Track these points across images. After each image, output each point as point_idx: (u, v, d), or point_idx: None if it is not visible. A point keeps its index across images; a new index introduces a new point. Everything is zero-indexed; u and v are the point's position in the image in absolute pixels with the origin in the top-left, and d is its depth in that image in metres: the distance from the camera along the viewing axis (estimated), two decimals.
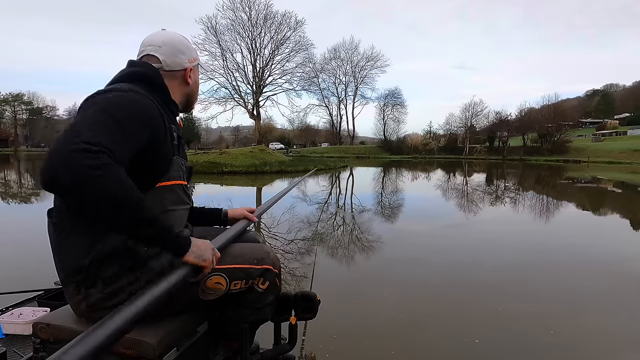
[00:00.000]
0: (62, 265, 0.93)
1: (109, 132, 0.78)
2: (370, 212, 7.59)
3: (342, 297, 3.06)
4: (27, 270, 3.42)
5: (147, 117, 0.91)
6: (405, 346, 2.30)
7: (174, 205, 1.06)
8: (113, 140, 0.78)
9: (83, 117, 0.80)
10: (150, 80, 1.03)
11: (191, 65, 1.16)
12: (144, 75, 1.03)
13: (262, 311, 1.16)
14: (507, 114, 50.73)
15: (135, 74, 1.02)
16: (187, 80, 1.15)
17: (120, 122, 0.82)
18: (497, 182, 16.15)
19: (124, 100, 0.89)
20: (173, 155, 1.03)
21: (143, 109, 0.91)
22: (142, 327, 0.95)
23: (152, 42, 1.10)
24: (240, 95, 39.87)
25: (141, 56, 1.10)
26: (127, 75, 1.01)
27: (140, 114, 0.89)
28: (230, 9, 37.46)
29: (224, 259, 1.05)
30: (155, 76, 1.05)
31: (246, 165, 18.68)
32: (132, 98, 0.90)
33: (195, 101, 1.24)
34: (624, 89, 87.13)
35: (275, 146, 53.25)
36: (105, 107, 0.83)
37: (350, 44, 58.85)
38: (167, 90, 1.08)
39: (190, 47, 1.17)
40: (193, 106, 1.25)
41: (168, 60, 1.10)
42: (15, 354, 1.55)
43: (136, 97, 0.91)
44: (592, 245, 5.15)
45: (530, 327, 2.55)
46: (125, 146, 0.82)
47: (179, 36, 1.15)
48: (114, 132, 0.80)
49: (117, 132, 0.80)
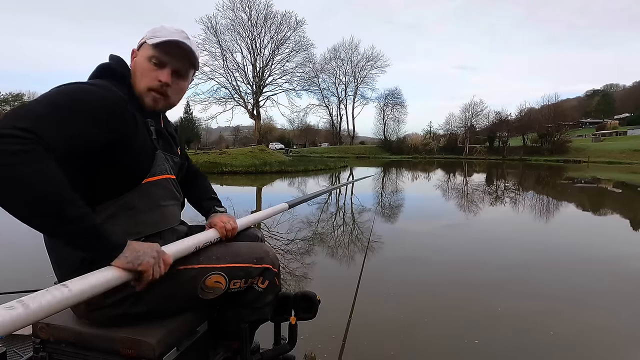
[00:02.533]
0: (58, 265, 0.93)
1: (45, 119, 0.70)
2: (370, 212, 7.59)
3: (342, 297, 3.06)
4: (27, 270, 3.42)
5: (103, 108, 0.82)
6: (405, 346, 2.30)
7: (166, 200, 1.05)
8: (48, 126, 0.69)
9: (22, 105, 0.72)
10: (115, 73, 0.98)
11: (136, 47, 1.04)
12: (109, 69, 0.98)
13: (262, 311, 1.16)
14: (507, 114, 50.84)
15: (102, 68, 0.98)
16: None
17: (64, 109, 0.74)
18: (497, 182, 16.14)
19: (77, 90, 0.81)
20: (155, 150, 1.01)
21: (98, 99, 0.82)
22: (142, 327, 0.95)
23: None
24: (240, 95, 39.90)
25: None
26: (95, 71, 0.97)
27: (93, 104, 0.80)
28: (230, 9, 37.53)
29: (223, 258, 1.05)
30: (120, 68, 1.00)
31: (246, 165, 18.68)
32: (87, 89, 0.83)
33: (141, 88, 0.99)
34: (624, 89, 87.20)
35: (275, 146, 53.24)
36: (50, 95, 0.76)
37: (350, 44, 59.10)
38: (130, 82, 1.00)
39: (152, 30, 1.01)
40: (144, 98, 1.00)
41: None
42: (15, 354, 1.55)
43: (92, 89, 0.84)
44: (592, 244, 5.15)
45: (531, 326, 2.55)
46: (63, 134, 0.72)
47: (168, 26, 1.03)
48: (52, 118, 0.71)
49: (55, 120, 0.72)
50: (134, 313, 0.96)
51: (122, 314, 0.95)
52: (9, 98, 69.87)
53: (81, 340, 0.95)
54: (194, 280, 1.00)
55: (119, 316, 0.95)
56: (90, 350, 0.94)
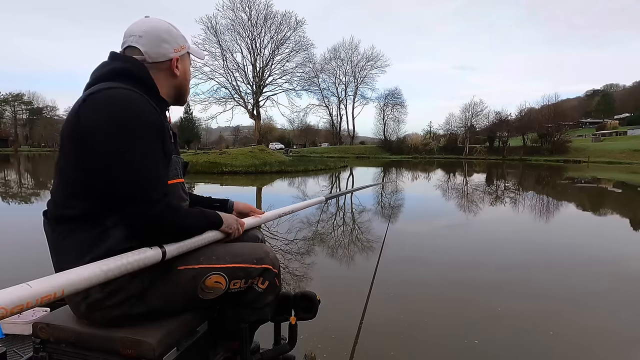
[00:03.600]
0: (60, 266, 0.93)
1: (155, 167, 0.92)
2: (370, 212, 7.59)
3: (343, 297, 3.06)
4: (27, 270, 3.42)
5: (157, 124, 0.93)
6: (405, 346, 2.30)
7: (177, 202, 1.06)
8: (159, 174, 0.93)
9: (129, 161, 0.86)
10: (135, 77, 0.97)
11: (177, 54, 1.06)
12: (128, 72, 0.96)
13: (262, 311, 1.16)
14: (507, 114, 50.81)
15: (119, 71, 0.96)
16: (174, 71, 1.06)
17: (150, 145, 0.91)
18: (497, 182, 16.14)
19: (141, 115, 0.89)
20: (172, 154, 1.02)
21: (154, 118, 0.93)
22: (142, 327, 0.95)
23: (133, 32, 1.01)
24: (240, 95, 39.92)
25: (124, 48, 1.02)
26: (111, 73, 0.95)
27: (154, 124, 0.92)
28: (230, 9, 37.56)
29: (223, 258, 1.05)
30: (141, 72, 0.98)
31: (246, 165, 18.67)
32: (145, 109, 0.91)
33: (187, 93, 1.15)
34: (624, 89, 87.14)
35: (275, 146, 53.23)
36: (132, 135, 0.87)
37: (350, 44, 59.03)
38: (155, 87, 1.01)
39: (176, 34, 1.06)
40: (185, 99, 1.15)
41: (150, 51, 1.01)
42: (15, 354, 1.55)
43: (145, 107, 0.91)
44: (592, 245, 5.15)
45: (531, 326, 2.55)
46: (162, 166, 0.96)
47: (162, 23, 1.05)
48: (157, 162, 0.93)
49: (158, 162, 0.93)
50: (134, 314, 0.96)
51: (122, 315, 0.95)
52: (9, 98, 69.89)
53: (81, 340, 0.95)
54: (193, 280, 1.00)
55: (119, 317, 0.95)
56: (90, 350, 0.94)
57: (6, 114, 71.03)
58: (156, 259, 0.88)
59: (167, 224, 0.91)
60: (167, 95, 1.07)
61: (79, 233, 0.90)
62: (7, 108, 70.58)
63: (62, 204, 0.92)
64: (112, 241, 0.90)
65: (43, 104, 73.36)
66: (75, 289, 0.70)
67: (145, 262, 0.85)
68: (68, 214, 0.91)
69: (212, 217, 1.05)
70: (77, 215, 0.90)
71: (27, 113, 72.71)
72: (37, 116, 72.66)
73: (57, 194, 0.93)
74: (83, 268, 0.73)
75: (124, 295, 0.93)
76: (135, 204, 0.86)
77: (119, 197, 0.87)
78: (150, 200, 0.88)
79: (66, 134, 0.90)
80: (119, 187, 0.86)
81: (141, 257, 0.85)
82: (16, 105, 70.71)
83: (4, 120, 71.20)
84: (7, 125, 71.55)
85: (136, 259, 0.83)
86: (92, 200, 0.89)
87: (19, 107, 71.58)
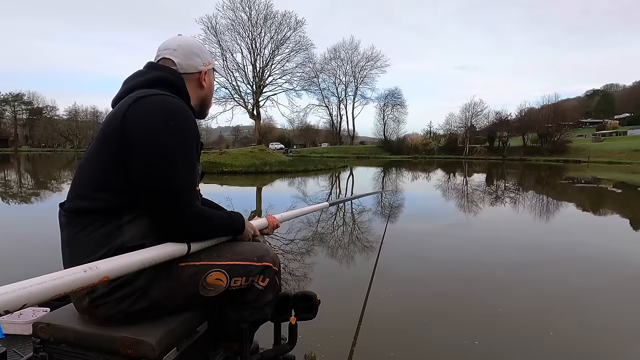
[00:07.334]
0: (72, 258, 0.93)
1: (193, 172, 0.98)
2: (370, 212, 7.59)
3: (342, 297, 3.06)
4: (27, 271, 3.42)
5: (196, 132, 1.01)
6: (405, 346, 2.30)
7: None
8: (195, 178, 0.99)
9: (173, 163, 0.92)
10: (176, 86, 1.05)
11: (206, 68, 1.16)
12: (170, 81, 1.05)
13: (262, 310, 1.16)
14: (507, 114, 50.81)
15: (162, 80, 1.04)
16: (201, 83, 1.16)
17: (191, 151, 0.97)
18: (497, 182, 16.14)
19: (187, 121, 0.97)
20: (197, 162, 1.06)
21: (195, 126, 1.00)
22: (142, 327, 0.95)
23: (168, 46, 1.12)
24: (240, 95, 39.95)
25: (157, 60, 1.12)
26: (154, 80, 1.03)
27: (195, 131, 0.99)
28: (230, 9, 37.61)
29: (224, 256, 1.06)
30: (180, 82, 1.07)
31: (246, 165, 18.68)
32: (189, 116, 0.98)
33: (209, 106, 1.25)
34: (624, 89, 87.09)
35: (275, 146, 53.24)
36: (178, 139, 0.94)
37: (350, 44, 59.13)
38: (189, 96, 1.09)
39: (205, 51, 1.18)
40: (206, 112, 1.24)
41: (183, 62, 1.11)
42: (15, 354, 1.55)
43: (190, 115, 0.99)
44: (592, 244, 5.14)
45: (531, 325, 2.55)
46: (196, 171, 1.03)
47: (194, 40, 1.18)
48: (194, 167, 0.99)
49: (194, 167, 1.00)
50: (136, 310, 0.96)
51: (124, 311, 0.95)
52: (9, 98, 69.91)
53: (81, 340, 0.95)
54: (195, 277, 1.01)
55: (121, 313, 0.95)
56: (90, 350, 0.94)
57: (6, 114, 71.10)
58: (181, 253, 0.95)
59: (199, 225, 0.98)
60: (193, 106, 1.14)
61: (97, 226, 0.92)
62: (7, 108, 70.64)
63: (87, 196, 0.93)
64: (127, 236, 0.92)
65: (43, 104, 73.46)
66: (117, 274, 0.79)
67: (172, 256, 0.92)
68: (91, 206, 0.92)
69: (237, 224, 1.13)
70: (99, 208, 0.92)
71: (27, 113, 72.75)
72: (37, 116, 72.68)
73: (82, 186, 0.95)
74: (126, 256, 0.81)
75: (127, 290, 0.94)
76: (174, 204, 0.92)
77: (157, 196, 0.91)
78: (187, 203, 0.95)
79: (109, 130, 0.93)
80: (160, 186, 0.91)
81: (168, 250, 0.91)
82: (16, 105, 70.78)
83: (4, 120, 71.26)
84: (7, 125, 71.59)
85: (164, 252, 0.90)
86: (120, 195, 0.92)
87: (19, 107, 71.66)
